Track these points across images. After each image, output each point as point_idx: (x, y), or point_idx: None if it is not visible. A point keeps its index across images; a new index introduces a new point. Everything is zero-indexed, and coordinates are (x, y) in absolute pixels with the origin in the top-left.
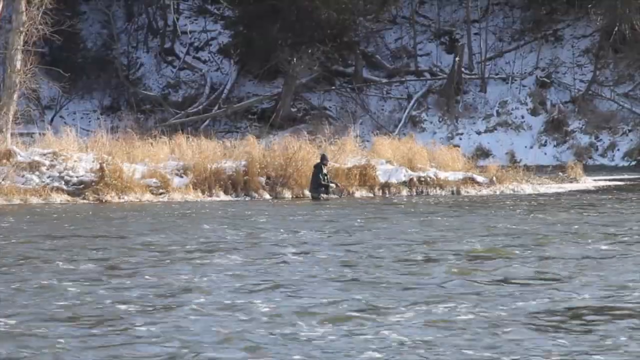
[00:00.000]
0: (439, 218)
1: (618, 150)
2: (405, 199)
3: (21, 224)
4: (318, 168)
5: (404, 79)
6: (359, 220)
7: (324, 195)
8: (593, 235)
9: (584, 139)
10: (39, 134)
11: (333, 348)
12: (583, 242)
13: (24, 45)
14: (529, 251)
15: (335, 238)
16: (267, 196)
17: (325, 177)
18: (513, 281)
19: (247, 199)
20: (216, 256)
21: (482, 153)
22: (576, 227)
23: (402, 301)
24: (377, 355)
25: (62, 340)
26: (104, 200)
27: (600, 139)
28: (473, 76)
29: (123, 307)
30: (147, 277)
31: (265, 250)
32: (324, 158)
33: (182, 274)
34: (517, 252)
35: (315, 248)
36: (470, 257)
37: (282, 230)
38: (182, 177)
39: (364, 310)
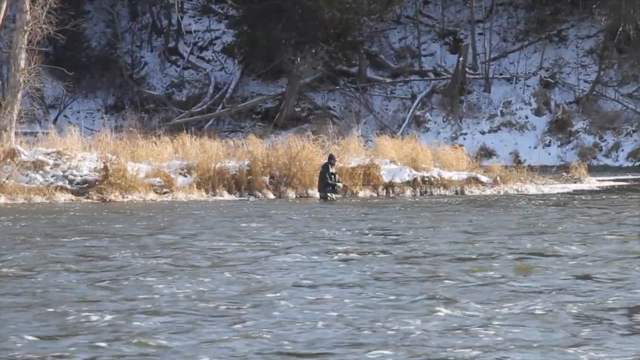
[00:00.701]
0: (474, 217)
1: (622, 150)
2: (417, 198)
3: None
4: (325, 168)
5: (408, 79)
6: (395, 218)
7: (332, 195)
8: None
9: (588, 139)
10: (43, 133)
11: (432, 345)
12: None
13: (28, 45)
14: (579, 249)
15: (381, 236)
16: (271, 196)
17: (333, 177)
18: (580, 278)
19: (251, 198)
20: (281, 255)
21: (486, 153)
22: (616, 225)
23: (483, 298)
24: (477, 352)
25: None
26: (107, 200)
27: (605, 140)
28: (477, 76)
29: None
30: (228, 274)
31: (321, 249)
32: (331, 158)
33: (257, 274)
34: (567, 250)
35: (367, 247)
36: (525, 254)
37: (324, 229)
38: (186, 176)
39: (449, 305)
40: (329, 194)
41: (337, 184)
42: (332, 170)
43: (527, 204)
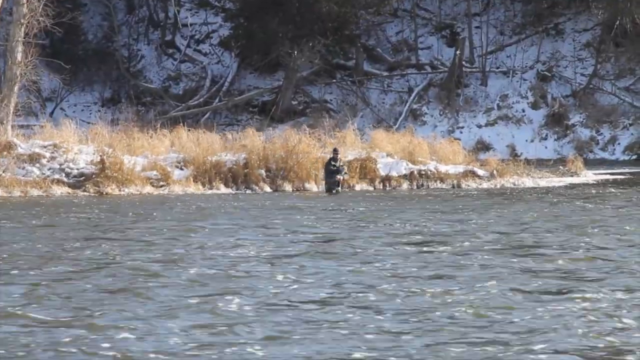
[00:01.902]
0: (505, 210)
1: (619, 144)
2: (425, 192)
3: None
4: (330, 162)
5: (404, 72)
6: (438, 212)
7: (337, 189)
8: None
9: (585, 133)
10: (39, 126)
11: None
12: None
13: (24, 37)
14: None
15: (445, 228)
16: (268, 189)
17: (339, 168)
18: None
19: (248, 191)
20: (369, 248)
21: (483, 146)
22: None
23: (572, 286)
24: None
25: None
26: (104, 193)
27: (601, 133)
28: (474, 70)
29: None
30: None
31: (397, 241)
32: (335, 151)
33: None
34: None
35: (438, 238)
36: (583, 246)
37: (385, 222)
38: (182, 169)
39: (551, 293)
40: (333, 188)
41: (345, 175)
42: (337, 163)
43: (575, 194)
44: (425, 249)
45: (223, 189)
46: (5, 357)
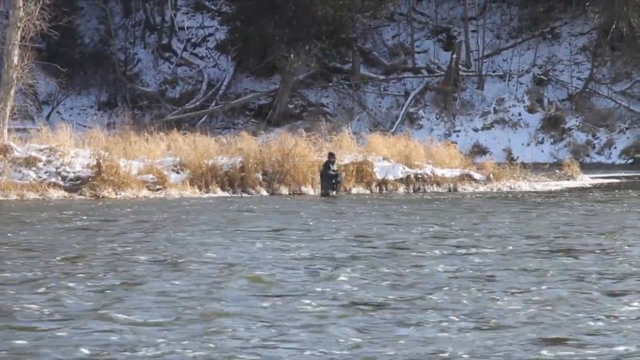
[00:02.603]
0: (534, 214)
1: (615, 148)
2: (431, 197)
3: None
4: (327, 166)
5: (401, 76)
6: (465, 215)
7: (333, 193)
8: None
9: (581, 137)
10: (36, 129)
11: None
12: None
13: (21, 41)
14: None
15: (484, 231)
16: (264, 192)
17: (335, 173)
18: None
19: (244, 195)
20: (413, 251)
21: (479, 150)
22: None
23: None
24: None
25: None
26: (100, 196)
27: (597, 137)
28: (470, 73)
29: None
30: (385, 269)
31: (450, 244)
32: (331, 155)
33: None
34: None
35: (483, 241)
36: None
37: (426, 226)
38: (178, 173)
39: (612, 295)
40: (329, 192)
41: (340, 180)
42: (333, 167)
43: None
44: (472, 250)
45: (219, 193)
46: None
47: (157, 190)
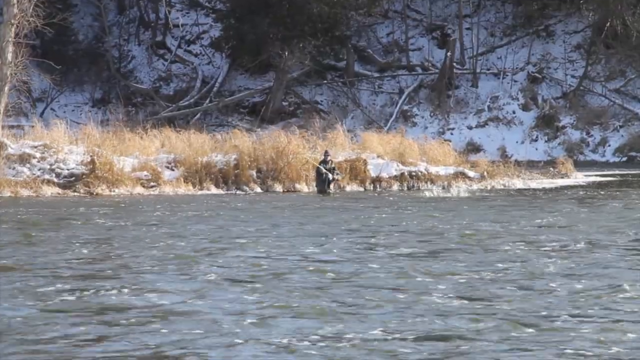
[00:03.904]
0: (558, 211)
1: (609, 146)
2: (430, 194)
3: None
4: (321, 163)
5: (395, 74)
6: (491, 214)
7: (329, 190)
8: None
9: (575, 135)
10: (30, 126)
11: None
12: None
13: (15, 38)
14: None
15: (512, 229)
16: (259, 189)
17: (331, 171)
18: None
19: (238, 192)
20: (475, 250)
21: (473, 148)
22: None
23: None
24: None
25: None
26: (94, 193)
27: (592, 135)
28: (465, 71)
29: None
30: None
31: (492, 243)
32: (326, 154)
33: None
34: None
35: (510, 238)
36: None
37: (456, 224)
38: (173, 170)
39: None
40: (326, 189)
41: (336, 176)
42: (328, 165)
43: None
44: (531, 247)
45: (214, 190)
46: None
47: (151, 187)
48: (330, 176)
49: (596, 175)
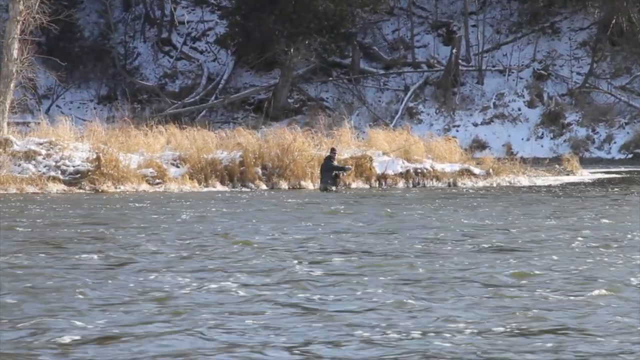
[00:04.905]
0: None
1: (615, 143)
2: (443, 191)
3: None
4: (329, 160)
5: (401, 71)
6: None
7: (332, 187)
8: None
9: (581, 132)
10: (35, 123)
11: None
12: None
13: (20, 35)
14: None
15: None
16: (264, 187)
17: (339, 165)
18: None
19: (244, 189)
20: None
21: (479, 145)
22: None
23: None
24: None
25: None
26: (100, 190)
27: (597, 132)
28: (470, 68)
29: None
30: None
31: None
32: (333, 151)
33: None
34: None
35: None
36: None
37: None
38: (178, 167)
39: None
40: (328, 186)
41: (344, 172)
42: (334, 163)
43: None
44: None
45: (219, 187)
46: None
47: (157, 184)
48: (343, 173)
49: (602, 173)
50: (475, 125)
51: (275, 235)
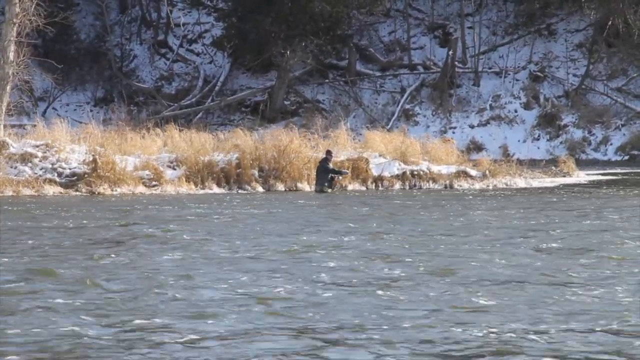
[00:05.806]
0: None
1: (611, 144)
2: (433, 193)
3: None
4: (324, 162)
5: (397, 73)
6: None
7: (327, 189)
8: None
9: (577, 134)
10: (31, 125)
11: None
12: None
13: (16, 37)
14: None
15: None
16: (260, 189)
17: (335, 168)
18: None
19: (240, 191)
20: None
21: (475, 147)
22: None
23: None
24: None
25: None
26: (96, 192)
27: (594, 134)
28: (466, 70)
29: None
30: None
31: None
32: (329, 153)
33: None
34: None
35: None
36: None
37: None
38: (174, 169)
39: None
40: (324, 188)
41: (340, 175)
42: (330, 165)
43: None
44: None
45: (215, 189)
46: None
47: (153, 186)
48: (339, 176)
49: (598, 174)
50: (472, 127)
51: (341, 236)
